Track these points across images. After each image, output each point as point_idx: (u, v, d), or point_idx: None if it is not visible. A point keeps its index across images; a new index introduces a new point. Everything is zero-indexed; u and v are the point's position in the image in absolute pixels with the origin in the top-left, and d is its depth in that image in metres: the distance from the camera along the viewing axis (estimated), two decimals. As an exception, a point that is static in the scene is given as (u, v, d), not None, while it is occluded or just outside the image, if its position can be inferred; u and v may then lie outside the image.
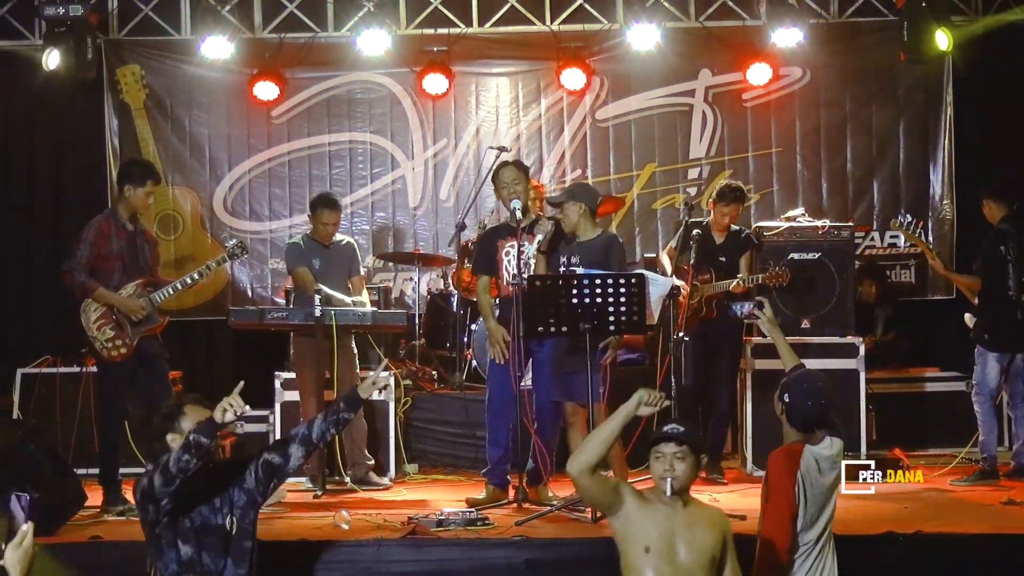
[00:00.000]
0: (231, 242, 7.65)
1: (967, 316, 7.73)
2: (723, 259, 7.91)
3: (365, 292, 7.98)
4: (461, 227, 8.91)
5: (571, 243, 6.82)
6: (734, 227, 8.04)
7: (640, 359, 8.55)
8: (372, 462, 7.80)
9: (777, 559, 4.61)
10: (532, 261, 6.89)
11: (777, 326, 5.48)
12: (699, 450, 4.41)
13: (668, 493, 4.29)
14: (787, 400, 4.78)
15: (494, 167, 7.42)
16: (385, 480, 7.84)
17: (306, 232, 8.13)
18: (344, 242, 8.06)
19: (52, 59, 9.35)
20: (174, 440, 4.77)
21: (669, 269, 7.81)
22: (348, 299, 7.73)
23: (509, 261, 7.01)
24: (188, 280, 7.28)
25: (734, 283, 7.73)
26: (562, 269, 6.75)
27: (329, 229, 7.89)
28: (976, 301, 7.69)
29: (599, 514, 6.09)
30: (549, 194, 8.59)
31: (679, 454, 4.31)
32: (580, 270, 6.64)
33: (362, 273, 8.09)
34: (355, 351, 7.85)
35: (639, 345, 8.38)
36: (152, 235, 7.58)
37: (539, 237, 6.79)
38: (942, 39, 9.37)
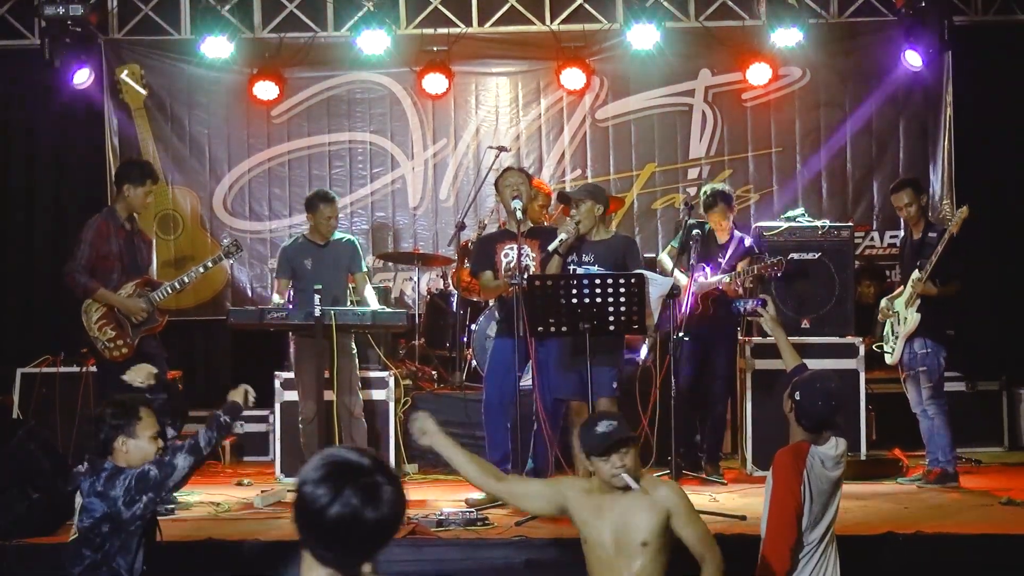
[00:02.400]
0: (225, 241, 7.64)
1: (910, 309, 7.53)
2: (721, 260, 7.90)
3: (369, 288, 7.93)
4: (461, 227, 8.91)
5: (582, 242, 6.80)
6: (737, 233, 8.03)
7: (641, 359, 8.55)
8: None
9: (782, 559, 4.59)
10: (533, 265, 6.87)
11: (780, 325, 5.45)
12: (633, 439, 4.39)
13: (634, 487, 4.29)
14: (797, 398, 4.76)
15: (495, 168, 7.41)
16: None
17: (303, 232, 8.12)
18: (344, 240, 8.02)
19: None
20: (124, 443, 4.53)
21: (670, 268, 7.82)
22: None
23: (508, 263, 7.00)
24: (185, 279, 7.32)
25: (726, 279, 7.70)
26: (572, 267, 6.73)
27: (332, 223, 7.85)
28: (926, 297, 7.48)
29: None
30: (565, 189, 8.39)
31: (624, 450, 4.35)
32: (596, 269, 6.64)
33: (364, 270, 8.06)
34: (354, 350, 7.84)
35: (639, 345, 8.37)
36: (148, 235, 7.58)
37: (562, 236, 6.67)
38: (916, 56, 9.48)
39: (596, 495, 4.40)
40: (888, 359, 7.73)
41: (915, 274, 7.46)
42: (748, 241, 8.05)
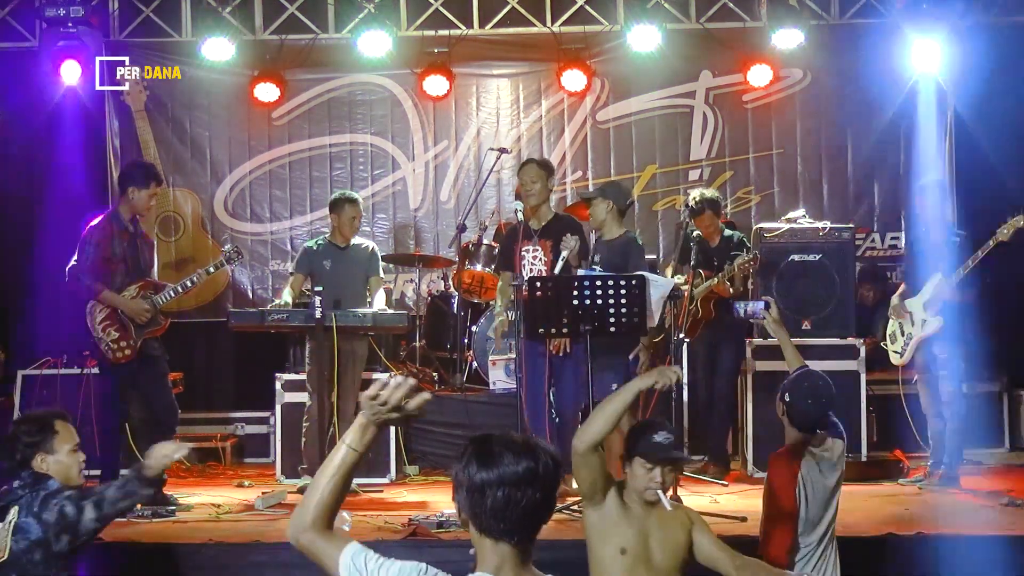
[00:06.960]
0: (226, 246, 7.65)
1: (931, 319, 7.48)
2: (717, 262, 7.91)
3: (381, 292, 7.97)
4: (462, 228, 8.92)
5: (597, 240, 6.87)
6: (727, 232, 8.05)
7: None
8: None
9: (778, 561, 4.60)
10: (543, 268, 6.96)
11: (783, 327, 5.44)
12: (687, 460, 4.38)
13: (667, 505, 4.22)
14: (788, 400, 4.77)
15: (496, 170, 7.45)
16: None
17: (325, 235, 8.17)
18: (363, 245, 8.06)
19: (53, 60, 9.37)
20: (43, 460, 4.36)
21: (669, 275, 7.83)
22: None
23: (526, 263, 7.02)
24: (188, 283, 7.35)
25: (714, 281, 7.71)
26: (583, 267, 6.79)
27: (356, 223, 7.95)
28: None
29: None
30: (581, 190, 8.49)
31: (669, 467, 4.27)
32: (598, 269, 6.66)
33: (380, 275, 8.09)
34: (360, 354, 7.83)
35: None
36: (150, 237, 7.59)
37: (564, 253, 6.79)
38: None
39: (630, 506, 4.25)
40: (895, 359, 7.71)
41: (938, 276, 7.39)
42: (736, 237, 8.08)
